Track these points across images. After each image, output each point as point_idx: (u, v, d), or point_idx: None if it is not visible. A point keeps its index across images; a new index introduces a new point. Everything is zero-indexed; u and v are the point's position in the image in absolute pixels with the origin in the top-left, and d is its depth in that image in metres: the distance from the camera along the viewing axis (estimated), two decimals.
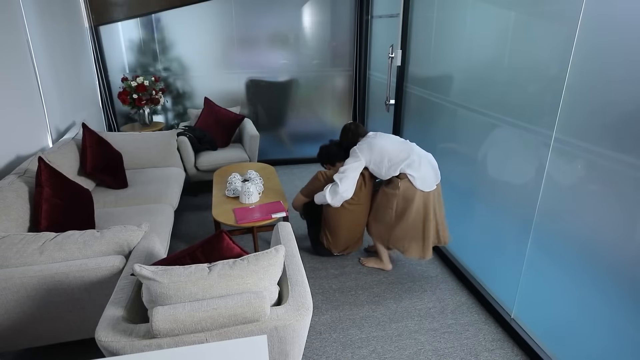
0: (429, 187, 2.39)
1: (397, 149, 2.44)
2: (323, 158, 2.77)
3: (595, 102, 1.58)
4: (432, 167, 2.45)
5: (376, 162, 2.45)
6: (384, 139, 2.50)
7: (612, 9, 1.50)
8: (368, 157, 2.46)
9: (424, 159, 2.43)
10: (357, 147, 2.51)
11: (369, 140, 2.51)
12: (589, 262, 1.68)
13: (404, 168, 2.38)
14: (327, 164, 2.76)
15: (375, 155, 2.44)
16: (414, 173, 2.37)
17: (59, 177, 2.23)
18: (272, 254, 1.42)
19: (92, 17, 3.84)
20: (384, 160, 2.42)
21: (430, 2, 2.84)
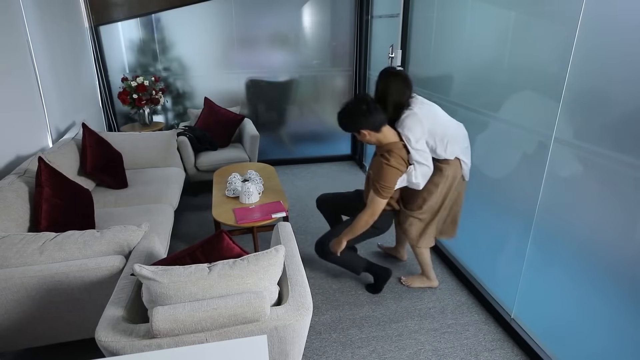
0: (467, 176, 2.27)
1: (457, 130, 2.18)
2: (349, 124, 2.10)
3: (595, 102, 1.58)
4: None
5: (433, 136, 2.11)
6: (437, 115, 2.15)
7: (612, 9, 1.50)
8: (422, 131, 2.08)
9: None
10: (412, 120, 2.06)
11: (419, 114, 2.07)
12: (588, 262, 1.68)
13: (458, 152, 2.15)
14: (357, 130, 2.09)
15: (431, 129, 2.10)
16: (467, 160, 2.20)
17: (59, 177, 2.23)
18: (272, 254, 1.42)
19: (92, 17, 3.84)
20: (444, 138, 2.10)
21: (430, 2, 2.84)
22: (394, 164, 2.05)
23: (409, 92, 2.10)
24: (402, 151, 2.08)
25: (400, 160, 2.07)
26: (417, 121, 2.05)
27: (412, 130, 2.04)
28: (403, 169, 2.08)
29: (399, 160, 2.06)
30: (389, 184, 2.06)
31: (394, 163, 2.05)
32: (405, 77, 2.11)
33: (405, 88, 2.09)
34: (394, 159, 2.05)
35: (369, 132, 2.06)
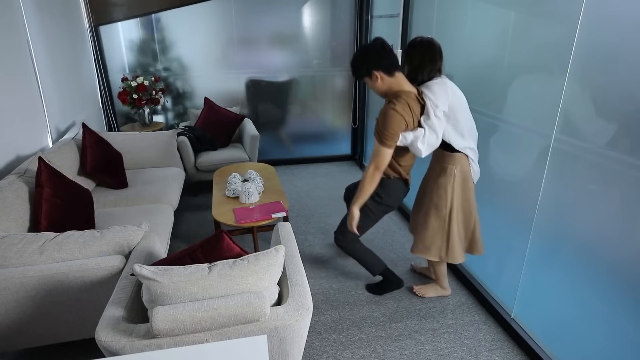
0: (476, 178, 2.17)
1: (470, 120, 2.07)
2: (361, 64, 1.97)
3: (595, 102, 1.58)
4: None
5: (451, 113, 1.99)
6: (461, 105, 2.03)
7: (612, 8, 1.50)
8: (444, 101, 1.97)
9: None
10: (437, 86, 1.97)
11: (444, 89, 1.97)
12: (588, 262, 1.68)
13: (467, 147, 2.05)
14: (369, 72, 1.96)
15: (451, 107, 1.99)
16: (475, 158, 2.10)
17: (59, 177, 2.23)
18: (272, 254, 1.42)
19: (92, 17, 3.84)
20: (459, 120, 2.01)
21: (430, 2, 2.84)
22: (399, 110, 1.89)
23: (440, 62, 2.04)
24: (413, 102, 1.94)
25: (407, 109, 1.91)
26: (445, 90, 1.95)
27: (437, 95, 1.93)
28: (409, 119, 1.92)
29: (406, 108, 1.91)
30: (393, 130, 1.90)
31: (400, 109, 1.89)
32: (439, 45, 2.04)
33: (439, 57, 2.04)
34: (401, 105, 1.90)
35: (382, 75, 1.93)
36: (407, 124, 1.94)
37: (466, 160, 2.08)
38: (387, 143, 1.94)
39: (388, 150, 1.96)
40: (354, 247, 2.34)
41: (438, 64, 2.03)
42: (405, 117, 1.91)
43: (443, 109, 1.95)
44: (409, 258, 2.82)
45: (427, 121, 1.96)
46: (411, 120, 1.95)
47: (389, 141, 1.93)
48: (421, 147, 1.97)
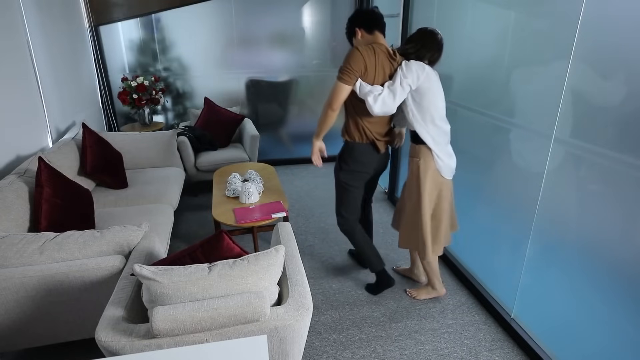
0: (447, 173, 2.17)
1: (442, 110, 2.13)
2: (350, 21, 2.22)
3: (595, 102, 1.58)
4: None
5: (420, 99, 2.05)
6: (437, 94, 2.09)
7: (612, 9, 1.50)
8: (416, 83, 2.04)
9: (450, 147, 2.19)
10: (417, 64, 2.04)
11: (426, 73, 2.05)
12: (588, 262, 1.68)
13: (429, 140, 2.08)
14: (354, 29, 2.19)
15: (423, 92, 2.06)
16: (444, 158, 2.12)
17: (59, 177, 2.23)
18: (272, 254, 1.42)
19: (92, 17, 3.84)
20: (429, 107, 2.06)
21: (430, 2, 2.84)
22: (361, 50, 2.00)
23: (437, 54, 2.11)
24: (382, 53, 2.04)
25: (371, 54, 2.01)
26: (420, 72, 2.02)
27: (411, 70, 2.01)
28: (369, 62, 2.00)
29: (370, 52, 2.01)
30: (349, 66, 1.99)
31: (362, 50, 2.00)
32: (440, 39, 2.10)
33: (438, 51, 2.10)
34: (365, 48, 2.02)
35: (362, 32, 2.13)
36: (366, 66, 2.01)
37: (429, 154, 2.10)
38: (343, 77, 2.02)
39: (343, 85, 2.03)
40: (356, 236, 2.37)
41: (434, 55, 2.10)
42: (366, 58, 2.00)
43: (410, 83, 2.02)
44: (408, 258, 2.82)
45: (391, 86, 2.03)
46: (372, 66, 2.02)
47: (344, 75, 2.01)
48: (372, 103, 2.01)
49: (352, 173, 2.27)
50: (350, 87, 2.04)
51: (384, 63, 2.05)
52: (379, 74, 2.05)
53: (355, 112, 2.17)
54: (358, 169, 2.27)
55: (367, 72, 2.02)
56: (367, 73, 2.03)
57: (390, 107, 2.04)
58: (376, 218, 3.40)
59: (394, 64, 2.09)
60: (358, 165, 2.26)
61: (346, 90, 2.04)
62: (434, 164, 2.12)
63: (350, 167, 2.26)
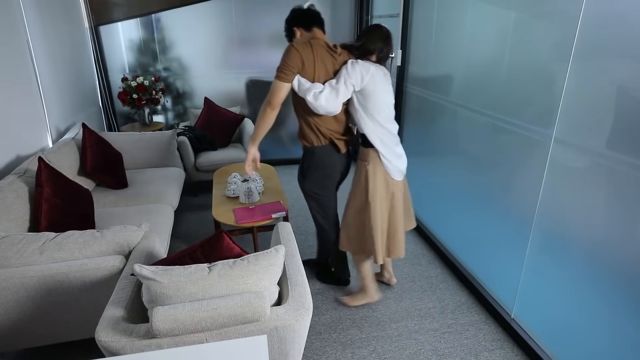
0: (396, 175, 2.14)
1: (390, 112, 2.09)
2: (288, 20, 2.15)
3: (595, 101, 1.58)
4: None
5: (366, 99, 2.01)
6: (383, 94, 2.06)
7: (612, 8, 1.50)
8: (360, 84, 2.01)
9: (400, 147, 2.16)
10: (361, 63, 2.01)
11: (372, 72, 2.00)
12: (588, 261, 1.68)
13: (377, 142, 2.05)
14: (292, 29, 2.14)
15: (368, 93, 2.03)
16: (393, 160, 2.08)
17: (59, 177, 2.23)
18: (272, 254, 1.42)
19: (92, 17, 3.84)
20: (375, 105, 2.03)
21: (430, 2, 2.84)
22: (297, 46, 1.94)
23: (386, 49, 2.07)
24: (321, 49, 1.99)
25: (308, 50, 1.95)
26: (365, 73, 1.98)
27: (355, 70, 1.97)
28: (307, 58, 1.94)
29: (307, 48, 1.95)
30: (286, 63, 1.94)
31: (298, 46, 1.94)
32: (386, 32, 2.08)
33: (383, 43, 2.06)
34: (302, 44, 1.96)
35: (301, 30, 2.09)
36: (303, 62, 1.95)
37: (377, 156, 2.08)
38: (279, 74, 1.97)
39: (280, 82, 1.98)
40: (320, 222, 2.32)
41: (383, 50, 2.05)
42: (302, 54, 1.94)
43: (353, 83, 1.99)
44: (408, 258, 2.82)
45: (334, 84, 1.99)
46: (310, 61, 1.96)
47: (281, 73, 1.96)
48: (313, 100, 1.97)
49: (318, 180, 2.18)
50: (288, 85, 1.98)
51: (323, 57, 1.99)
52: (319, 69, 1.98)
53: (306, 113, 2.10)
54: (323, 174, 2.17)
55: (305, 67, 1.96)
56: (306, 68, 1.96)
57: (332, 106, 1.99)
58: None
59: (336, 57, 2.03)
60: (322, 170, 2.17)
61: (284, 87, 1.99)
62: (383, 167, 2.09)
63: (313, 174, 2.17)
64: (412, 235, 3.13)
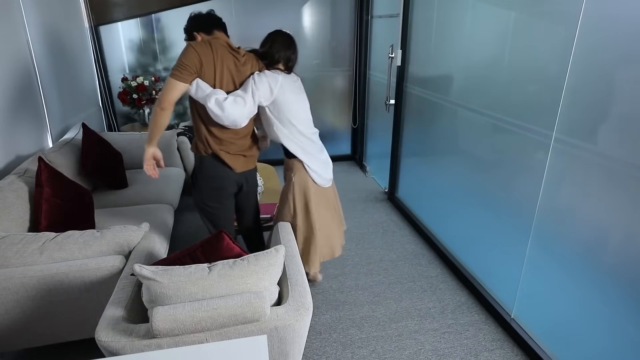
0: (322, 183, 2.12)
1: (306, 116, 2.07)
2: (188, 32, 2.03)
3: (595, 102, 1.58)
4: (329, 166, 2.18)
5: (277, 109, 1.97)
6: (294, 102, 2.02)
7: (612, 9, 1.50)
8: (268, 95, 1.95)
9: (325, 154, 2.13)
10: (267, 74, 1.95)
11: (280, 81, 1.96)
12: (589, 262, 1.68)
13: (299, 152, 2.03)
14: (191, 33, 2.02)
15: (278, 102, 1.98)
16: (317, 170, 2.07)
17: (59, 177, 2.23)
18: (272, 254, 1.42)
19: (92, 17, 3.84)
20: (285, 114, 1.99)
21: (430, 2, 2.84)
22: (195, 45, 1.82)
23: (293, 56, 2.07)
24: (222, 49, 1.87)
25: (208, 50, 1.82)
26: (274, 84, 1.93)
27: (263, 82, 1.90)
28: (205, 58, 1.82)
29: (207, 48, 1.82)
30: (182, 62, 1.80)
31: (197, 45, 1.82)
32: (289, 38, 2.07)
33: (288, 50, 2.06)
34: (201, 43, 1.84)
35: (202, 35, 1.97)
36: (201, 61, 1.81)
37: (302, 167, 2.06)
38: (174, 73, 1.81)
39: (173, 81, 1.82)
40: (200, 208, 2.16)
41: (289, 57, 2.06)
42: (200, 53, 1.81)
43: (261, 97, 1.91)
44: (408, 258, 2.82)
45: (241, 94, 1.87)
46: (210, 61, 1.83)
47: (176, 71, 1.81)
48: (213, 107, 1.82)
49: (206, 191, 2.04)
50: (183, 85, 1.82)
51: (225, 58, 1.87)
52: (220, 70, 1.86)
53: (201, 119, 1.93)
54: (212, 185, 2.02)
55: (203, 68, 1.82)
56: (204, 69, 1.83)
57: (238, 116, 1.85)
58: (376, 218, 3.41)
59: (239, 58, 1.92)
60: (211, 182, 2.01)
61: (178, 87, 1.82)
62: (308, 177, 2.06)
63: (202, 184, 2.02)
64: (412, 235, 3.13)
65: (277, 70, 2.01)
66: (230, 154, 1.99)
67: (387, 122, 3.67)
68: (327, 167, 2.14)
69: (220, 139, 1.95)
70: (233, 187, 2.08)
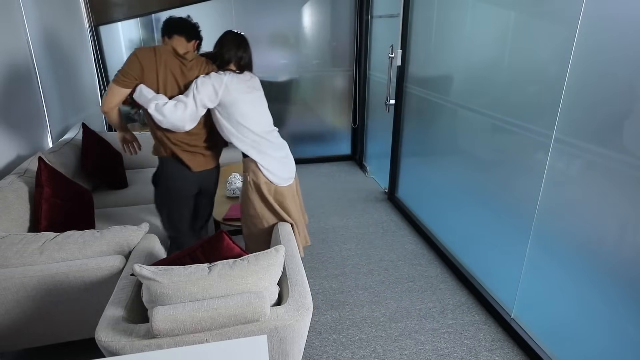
0: (279, 182, 2.09)
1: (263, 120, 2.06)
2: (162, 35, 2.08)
3: (596, 102, 1.58)
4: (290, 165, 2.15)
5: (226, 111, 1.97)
6: (247, 102, 2.00)
7: (612, 9, 1.50)
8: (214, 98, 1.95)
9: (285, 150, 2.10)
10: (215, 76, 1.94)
11: (228, 84, 1.95)
12: (589, 261, 1.68)
13: (251, 152, 2.00)
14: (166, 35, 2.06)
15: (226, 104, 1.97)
16: (272, 169, 2.04)
17: (59, 177, 2.23)
18: (272, 254, 1.42)
19: (92, 17, 3.84)
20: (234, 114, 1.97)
21: (430, 2, 2.84)
22: (138, 53, 1.88)
23: (245, 55, 2.07)
24: (168, 56, 1.93)
25: (151, 58, 1.88)
26: (218, 85, 1.92)
27: (205, 85, 1.90)
28: (147, 66, 1.88)
29: (150, 55, 1.88)
30: (124, 69, 1.87)
31: (140, 52, 1.88)
32: (239, 38, 2.06)
33: (238, 49, 2.04)
34: (144, 50, 1.89)
35: (165, 39, 2.04)
36: (142, 68, 1.87)
37: (256, 166, 2.04)
38: (116, 78, 1.88)
39: (114, 86, 1.89)
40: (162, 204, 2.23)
41: (241, 57, 2.05)
42: (142, 60, 1.87)
43: (204, 99, 1.91)
44: (408, 258, 2.82)
45: (183, 99, 1.90)
46: (152, 67, 1.89)
47: (118, 77, 1.87)
48: (153, 112, 1.89)
49: (164, 191, 2.11)
50: (124, 90, 1.89)
51: (169, 63, 1.92)
52: (163, 75, 1.91)
53: (153, 121, 1.97)
54: (170, 185, 2.09)
55: (145, 73, 1.88)
56: (146, 75, 1.88)
57: (178, 120, 1.88)
58: (376, 218, 3.41)
59: (186, 63, 1.96)
60: (169, 182, 2.09)
61: (118, 92, 1.90)
62: (264, 177, 2.04)
63: (161, 184, 2.09)
64: (412, 235, 3.13)
65: (228, 71, 2.00)
66: (188, 152, 2.05)
67: (387, 122, 3.67)
68: (285, 165, 2.10)
69: (175, 139, 2.01)
70: (192, 188, 2.15)
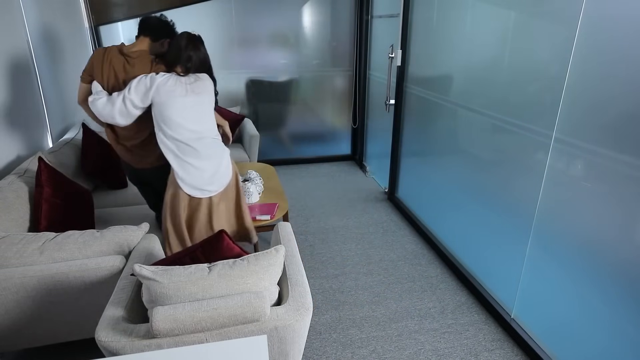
0: (190, 191, 2.08)
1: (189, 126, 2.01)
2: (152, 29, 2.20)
3: (595, 102, 1.58)
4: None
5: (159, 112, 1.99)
6: (178, 108, 1.98)
7: (612, 9, 1.50)
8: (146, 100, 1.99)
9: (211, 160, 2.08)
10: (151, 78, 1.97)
11: (165, 86, 1.96)
12: (589, 261, 1.68)
13: (169, 155, 2.01)
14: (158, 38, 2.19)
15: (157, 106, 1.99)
16: (183, 175, 2.03)
17: (59, 177, 2.23)
18: (272, 254, 1.42)
19: (92, 17, 3.84)
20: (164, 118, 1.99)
21: (430, 2, 2.84)
22: (95, 51, 2.12)
23: (195, 55, 2.05)
24: (115, 57, 2.07)
25: (99, 57, 2.07)
26: (150, 84, 1.95)
27: (138, 86, 1.96)
28: (96, 64, 2.06)
29: (99, 55, 2.08)
30: (85, 66, 2.12)
31: (96, 52, 2.11)
32: (188, 39, 2.06)
33: (183, 50, 2.02)
34: (100, 49, 2.11)
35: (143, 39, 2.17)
36: (93, 65, 2.09)
37: (173, 174, 2.06)
38: (81, 75, 2.15)
39: (80, 82, 2.15)
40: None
41: (188, 60, 2.03)
42: (94, 59, 2.09)
43: (133, 99, 1.96)
44: (408, 258, 2.82)
45: (115, 96, 2.00)
46: (99, 64, 2.08)
47: (82, 74, 2.14)
48: (91, 106, 2.05)
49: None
50: (84, 85, 2.13)
51: (113, 61, 2.07)
52: (106, 71, 2.07)
53: None
54: (127, 173, 2.42)
55: (94, 69, 2.09)
56: (95, 71, 2.09)
57: (108, 115, 2.00)
58: (376, 218, 3.41)
59: (129, 60, 2.07)
60: (125, 170, 2.41)
61: (82, 87, 2.15)
62: (178, 182, 2.03)
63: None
64: (412, 235, 3.13)
65: (172, 73, 2.00)
66: (124, 147, 2.22)
67: (387, 122, 3.67)
68: (201, 176, 2.05)
69: (117, 132, 2.20)
70: (135, 178, 2.39)
